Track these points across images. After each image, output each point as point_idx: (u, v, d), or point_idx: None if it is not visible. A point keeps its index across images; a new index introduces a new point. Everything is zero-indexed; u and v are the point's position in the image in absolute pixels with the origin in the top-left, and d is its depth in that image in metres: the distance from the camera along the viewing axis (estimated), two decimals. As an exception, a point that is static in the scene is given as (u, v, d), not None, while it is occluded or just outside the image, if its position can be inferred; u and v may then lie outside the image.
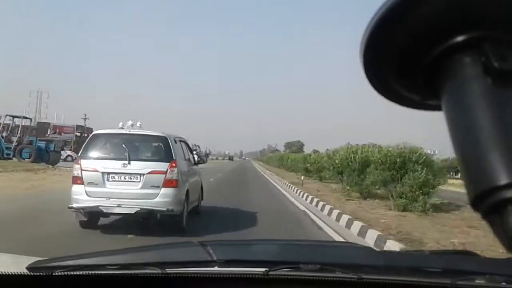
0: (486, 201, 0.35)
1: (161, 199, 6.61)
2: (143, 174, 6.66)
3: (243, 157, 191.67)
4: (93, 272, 1.21)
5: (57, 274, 1.19)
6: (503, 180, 0.34)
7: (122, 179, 6.70)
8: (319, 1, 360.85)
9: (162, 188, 6.63)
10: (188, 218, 7.25)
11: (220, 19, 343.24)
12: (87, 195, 6.57)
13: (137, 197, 6.60)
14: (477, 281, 1.14)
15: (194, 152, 9.25)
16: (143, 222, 6.84)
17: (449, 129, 0.39)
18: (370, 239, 6.87)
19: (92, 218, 6.86)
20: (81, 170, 6.69)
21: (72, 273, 1.20)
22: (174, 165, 6.74)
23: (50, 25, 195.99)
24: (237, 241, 3.66)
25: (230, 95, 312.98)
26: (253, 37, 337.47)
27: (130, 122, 7.67)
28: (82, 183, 6.63)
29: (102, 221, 7.12)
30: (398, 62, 0.41)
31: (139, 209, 6.47)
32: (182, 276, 1.25)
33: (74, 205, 6.54)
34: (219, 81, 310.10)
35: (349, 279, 1.20)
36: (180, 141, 8.00)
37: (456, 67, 0.39)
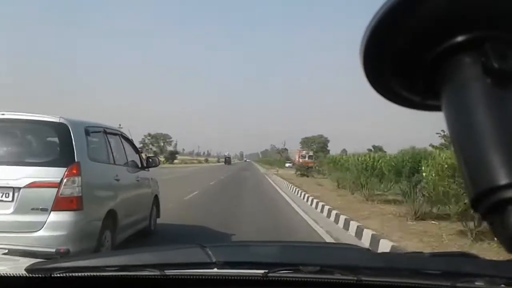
0: (486, 201, 0.35)
1: (48, 232, 3.83)
2: (18, 188, 3.91)
3: (244, 158, 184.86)
4: (92, 273, 1.21)
5: (56, 275, 1.18)
6: (503, 180, 0.34)
7: None
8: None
9: (52, 213, 3.88)
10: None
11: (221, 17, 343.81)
12: None
13: (5, 228, 3.80)
14: (476, 283, 1.14)
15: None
16: None
17: (449, 130, 0.39)
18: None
19: None
20: None
21: (71, 274, 1.20)
22: (75, 171, 4.00)
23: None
24: (236, 243, 3.66)
25: (229, 96, 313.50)
26: (255, 34, 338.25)
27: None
28: None
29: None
30: (398, 62, 0.41)
31: (5, 250, 3.20)
32: (181, 278, 1.24)
33: None
34: (218, 81, 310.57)
35: (348, 281, 1.20)
36: (106, 133, 5.09)
37: (456, 68, 0.39)
